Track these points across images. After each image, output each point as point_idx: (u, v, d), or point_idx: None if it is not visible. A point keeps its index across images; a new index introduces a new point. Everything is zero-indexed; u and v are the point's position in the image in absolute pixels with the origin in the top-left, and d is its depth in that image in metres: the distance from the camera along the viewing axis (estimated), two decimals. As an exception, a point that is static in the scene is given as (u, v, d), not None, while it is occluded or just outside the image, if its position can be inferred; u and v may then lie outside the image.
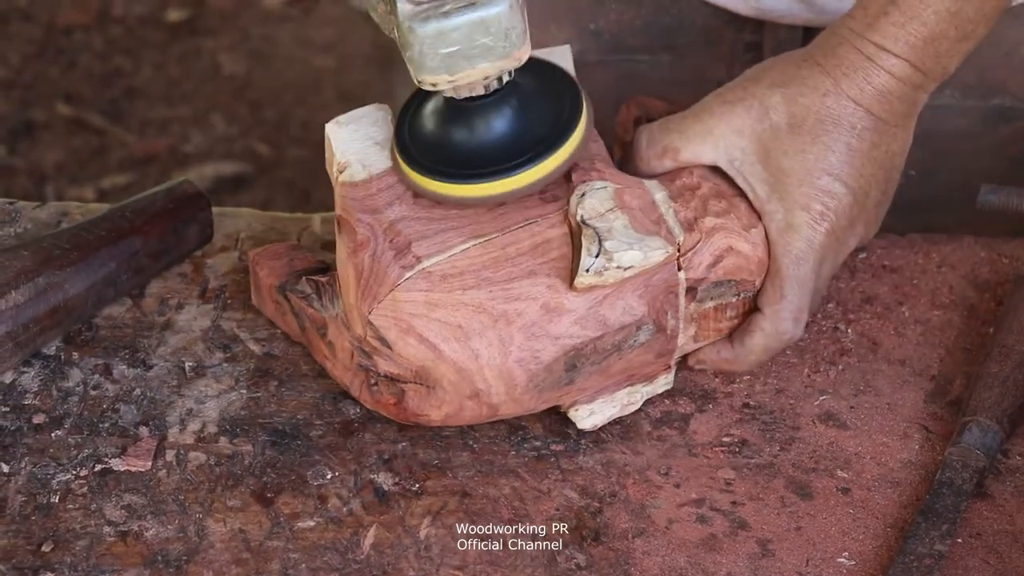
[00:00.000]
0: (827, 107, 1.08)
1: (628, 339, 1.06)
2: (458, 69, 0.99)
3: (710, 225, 1.08)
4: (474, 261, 1.04)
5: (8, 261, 1.10)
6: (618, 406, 1.09)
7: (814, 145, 1.08)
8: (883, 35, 1.07)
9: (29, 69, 2.91)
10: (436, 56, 0.98)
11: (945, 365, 1.16)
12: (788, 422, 1.12)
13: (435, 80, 1.00)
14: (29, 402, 1.11)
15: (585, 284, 1.03)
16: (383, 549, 1.03)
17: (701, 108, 1.11)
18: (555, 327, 1.04)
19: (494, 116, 1.03)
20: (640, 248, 1.03)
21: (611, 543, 1.04)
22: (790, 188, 1.08)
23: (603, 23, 1.35)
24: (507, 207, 1.06)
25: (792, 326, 1.10)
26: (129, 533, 1.03)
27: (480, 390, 1.04)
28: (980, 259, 1.23)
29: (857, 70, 1.08)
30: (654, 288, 1.06)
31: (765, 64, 1.12)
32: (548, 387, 1.05)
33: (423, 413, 1.06)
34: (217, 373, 1.13)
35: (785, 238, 1.09)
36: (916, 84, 1.09)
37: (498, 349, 1.03)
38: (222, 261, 1.21)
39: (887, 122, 1.09)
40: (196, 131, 2.78)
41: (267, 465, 1.07)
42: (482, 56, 0.99)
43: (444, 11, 0.97)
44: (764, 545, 1.04)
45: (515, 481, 1.07)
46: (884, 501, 1.07)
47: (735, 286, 1.09)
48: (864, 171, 1.09)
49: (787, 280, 1.09)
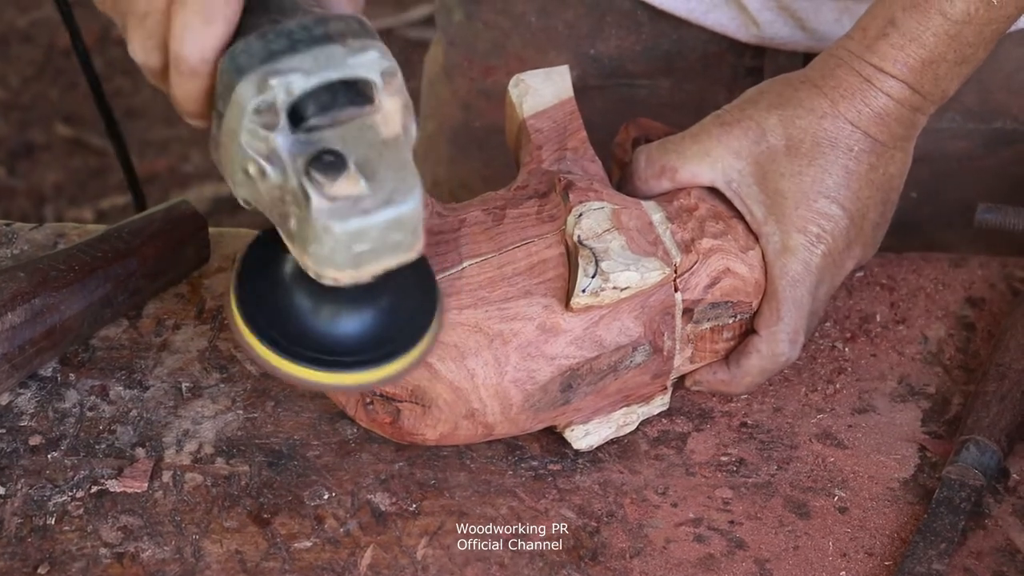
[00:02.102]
0: (824, 129, 1.08)
1: (624, 360, 1.06)
2: (365, 265, 0.92)
3: (707, 246, 1.08)
4: (470, 281, 1.04)
5: (4, 282, 1.10)
6: (614, 427, 1.09)
7: (811, 167, 1.08)
8: (882, 57, 1.07)
9: (29, 90, 2.91)
10: (348, 253, 0.91)
11: (943, 384, 1.16)
12: (786, 441, 1.12)
13: (339, 276, 0.92)
14: (25, 424, 1.10)
15: (581, 304, 1.03)
16: (380, 569, 1.03)
17: (700, 129, 1.11)
18: (551, 347, 1.04)
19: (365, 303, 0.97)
20: (637, 269, 1.03)
21: (608, 563, 1.03)
22: (787, 210, 1.08)
23: (602, 48, 1.35)
24: (504, 226, 1.06)
25: (788, 348, 1.10)
26: (125, 555, 1.03)
27: (476, 410, 1.04)
28: (977, 278, 1.23)
29: (855, 92, 1.08)
30: (651, 309, 1.06)
31: (763, 86, 1.12)
32: (544, 407, 1.05)
33: (418, 432, 1.05)
34: (214, 394, 1.13)
35: (781, 260, 1.09)
36: (915, 106, 1.09)
37: (494, 369, 1.03)
38: (219, 281, 1.21)
39: (885, 144, 1.09)
40: (195, 151, 2.79)
41: (264, 486, 1.07)
42: (391, 252, 0.93)
43: (363, 208, 0.90)
44: (762, 564, 1.04)
45: (512, 501, 1.07)
46: (882, 520, 1.06)
47: (732, 307, 1.09)
48: (861, 194, 1.09)
49: (783, 302, 1.09)
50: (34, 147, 2.81)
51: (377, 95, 0.93)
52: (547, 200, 1.08)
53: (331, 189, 0.90)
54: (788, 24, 1.29)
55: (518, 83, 1.12)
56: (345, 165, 0.91)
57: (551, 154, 1.11)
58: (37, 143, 2.81)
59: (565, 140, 1.11)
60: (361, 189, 0.91)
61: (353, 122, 0.93)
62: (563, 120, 1.11)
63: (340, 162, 0.91)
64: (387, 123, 0.93)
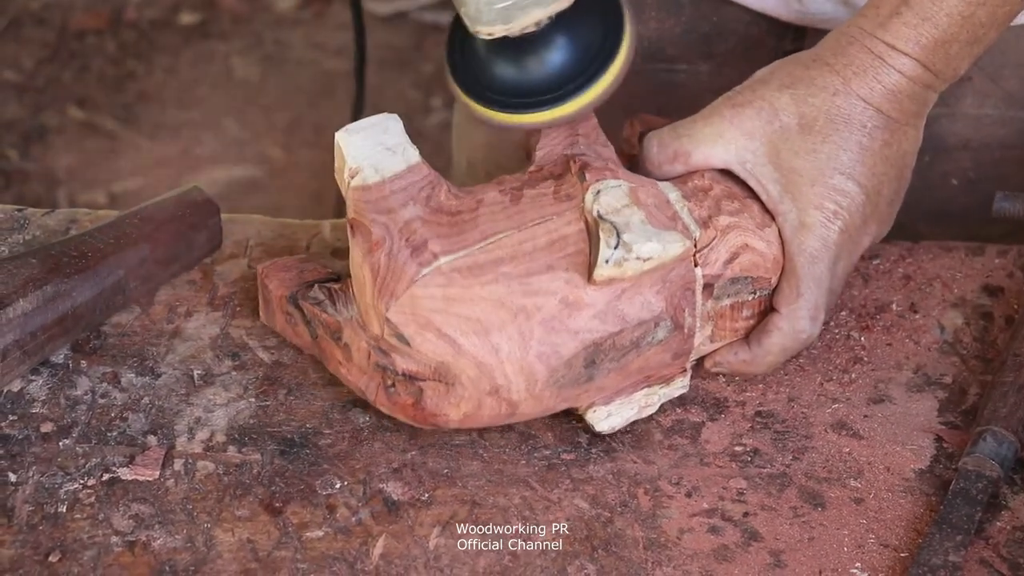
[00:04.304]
0: (837, 106, 1.08)
1: (647, 335, 1.05)
2: (513, 19, 1.01)
3: (725, 223, 1.09)
4: (491, 256, 1.04)
5: (16, 269, 1.10)
6: (635, 408, 1.08)
7: (825, 144, 1.08)
8: (895, 35, 1.07)
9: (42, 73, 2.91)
10: (492, 11, 1.01)
11: (959, 374, 1.15)
12: (801, 431, 1.11)
13: (491, 30, 1.02)
14: (37, 411, 1.10)
15: (604, 276, 1.03)
16: (392, 559, 1.02)
17: (711, 111, 1.11)
18: (575, 321, 1.04)
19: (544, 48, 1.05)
20: (659, 240, 1.03)
21: (622, 553, 1.03)
22: (802, 187, 1.08)
23: (642, 30, 1.34)
24: (522, 205, 1.06)
25: (809, 324, 1.10)
26: (137, 543, 1.03)
27: (500, 385, 1.04)
28: (995, 266, 1.22)
29: (867, 69, 1.08)
30: (671, 284, 1.06)
31: (774, 66, 1.12)
32: (568, 384, 1.05)
33: (441, 413, 1.05)
34: (226, 381, 1.13)
35: (799, 237, 1.08)
36: (926, 84, 1.09)
37: (518, 343, 1.03)
38: (231, 268, 1.21)
39: (897, 121, 1.09)
40: (208, 135, 2.78)
41: (276, 474, 1.07)
42: (535, 4, 1.01)
43: None
44: (776, 556, 1.03)
45: (525, 490, 1.07)
46: (898, 511, 1.06)
47: (751, 283, 1.09)
48: (876, 169, 1.09)
49: (803, 279, 1.09)
50: (47, 130, 2.80)
51: None
52: (563, 181, 1.08)
53: None
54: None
55: None
56: None
57: (563, 140, 1.11)
58: (50, 126, 2.81)
59: (576, 126, 1.11)
60: None
61: None
62: None
63: None
64: None
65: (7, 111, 2.83)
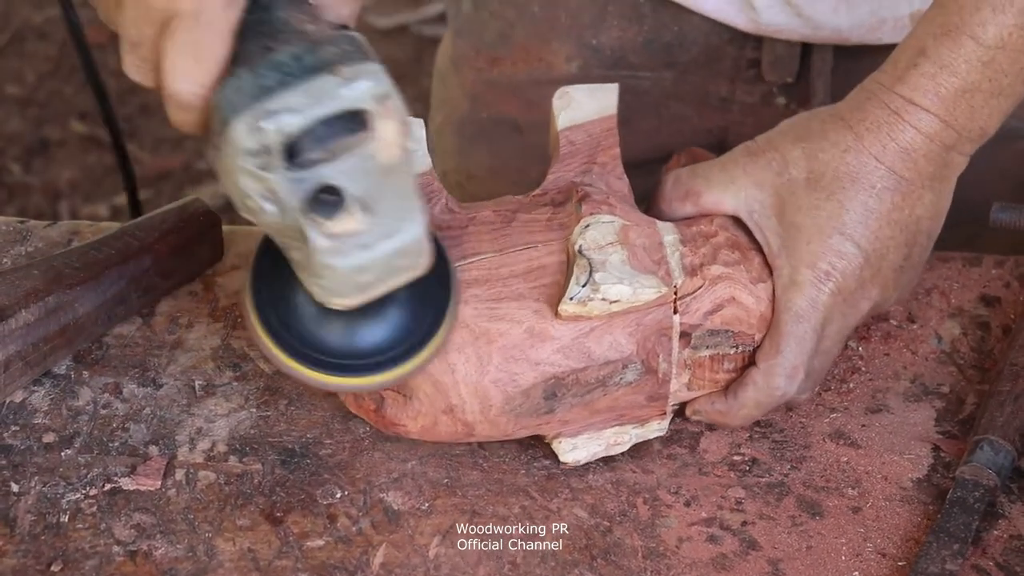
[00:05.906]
0: (846, 163, 1.05)
1: (614, 375, 1.05)
2: (371, 290, 0.94)
3: (716, 273, 1.07)
4: (466, 277, 1.04)
5: (18, 280, 1.10)
6: (604, 444, 1.08)
7: (829, 202, 1.06)
8: (912, 87, 1.04)
9: (44, 87, 2.91)
10: (352, 285, 0.93)
11: (957, 383, 1.15)
12: (799, 441, 1.11)
13: (348, 303, 0.94)
14: (39, 421, 1.11)
15: (569, 312, 1.03)
16: (392, 568, 1.03)
17: (728, 158, 1.10)
18: (537, 353, 1.03)
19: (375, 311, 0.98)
20: (630, 284, 1.03)
21: (621, 562, 1.03)
22: (799, 244, 1.06)
23: (604, 39, 1.35)
24: (511, 228, 1.06)
25: (785, 383, 1.07)
26: (138, 552, 1.03)
27: (454, 405, 1.04)
28: (992, 277, 1.23)
29: (881, 125, 1.05)
30: (646, 328, 1.05)
31: (795, 118, 1.10)
32: (525, 413, 1.05)
33: (400, 423, 1.05)
34: (227, 392, 1.13)
35: (788, 294, 1.06)
36: (947, 144, 1.05)
37: (475, 366, 1.03)
38: (232, 280, 1.21)
39: (911, 182, 1.06)
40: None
41: (276, 484, 1.07)
42: (395, 276, 0.94)
43: (363, 243, 0.91)
44: (775, 564, 1.03)
45: (525, 500, 1.07)
46: (895, 520, 1.06)
47: (732, 337, 1.08)
48: (881, 233, 1.06)
49: (784, 336, 1.07)
50: (49, 144, 2.81)
51: (373, 122, 0.92)
52: (561, 209, 1.07)
53: (330, 228, 0.91)
54: (785, 11, 1.28)
55: (563, 95, 1.11)
56: (343, 202, 0.90)
57: (579, 166, 1.10)
58: (52, 140, 2.82)
59: (596, 154, 1.10)
60: (361, 225, 0.91)
61: (350, 153, 0.92)
62: (599, 135, 1.10)
63: (338, 200, 0.90)
64: (385, 149, 0.92)
65: (10, 125, 2.84)
